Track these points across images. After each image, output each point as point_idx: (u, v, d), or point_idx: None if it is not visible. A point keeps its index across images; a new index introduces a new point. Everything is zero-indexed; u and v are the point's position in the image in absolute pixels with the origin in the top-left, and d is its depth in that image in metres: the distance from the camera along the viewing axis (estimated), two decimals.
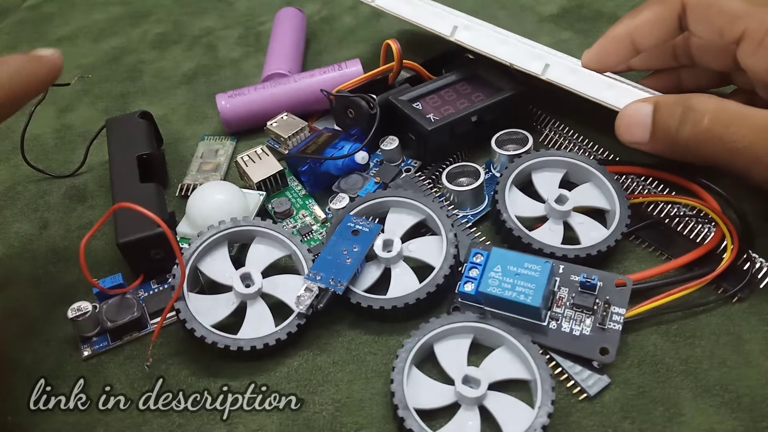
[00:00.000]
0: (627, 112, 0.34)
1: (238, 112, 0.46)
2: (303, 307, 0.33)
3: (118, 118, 0.45)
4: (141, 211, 0.32)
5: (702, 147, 0.32)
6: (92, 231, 0.32)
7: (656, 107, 0.33)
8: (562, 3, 0.57)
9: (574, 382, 0.31)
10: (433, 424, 0.30)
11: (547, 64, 0.38)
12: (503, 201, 0.37)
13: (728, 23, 0.34)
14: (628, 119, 0.34)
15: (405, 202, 0.37)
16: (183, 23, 0.62)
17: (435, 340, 0.32)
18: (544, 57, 0.38)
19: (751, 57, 0.34)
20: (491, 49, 0.40)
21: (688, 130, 0.32)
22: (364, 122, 0.42)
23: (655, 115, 0.33)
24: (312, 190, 0.41)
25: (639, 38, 0.37)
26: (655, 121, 0.33)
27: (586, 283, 0.32)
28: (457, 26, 0.41)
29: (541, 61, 0.38)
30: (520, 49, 0.39)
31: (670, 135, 0.33)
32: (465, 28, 0.41)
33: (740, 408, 0.30)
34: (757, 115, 0.31)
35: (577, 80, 0.37)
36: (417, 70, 0.45)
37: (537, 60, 0.38)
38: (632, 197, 0.37)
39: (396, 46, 0.43)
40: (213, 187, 0.39)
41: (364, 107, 0.41)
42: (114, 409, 0.32)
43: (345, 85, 0.44)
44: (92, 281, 0.33)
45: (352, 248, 0.35)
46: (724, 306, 0.33)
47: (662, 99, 0.34)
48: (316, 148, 0.41)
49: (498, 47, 0.40)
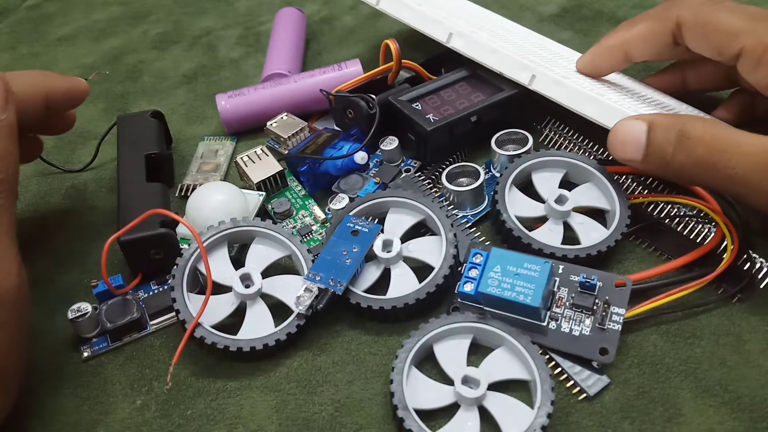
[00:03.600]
0: (621, 129, 0.33)
1: (238, 112, 0.46)
2: (302, 308, 0.33)
3: (129, 115, 0.45)
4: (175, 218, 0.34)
5: (697, 173, 0.32)
6: (120, 233, 0.33)
7: (651, 128, 0.33)
8: (562, 3, 0.57)
9: (573, 383, 0.31)
10: (432, 425, 0.30)
11: (534, 75, 0.39)
12: (503, 201, 0.37)
13: (726, 41, 0.34)
14: (622, 136, 0.33)
15: (404, 203, 0.37)
16: (183, 23, 0.62)
17: (435, 341, 0.32)
18: (531, 67, 0.39)
19: (751, 73, 0.34)
20: (482, 58, 0.41)
21: (683, 157, 0.32)
22: (363, 122, 0.42)
23: (649, 136, 0.32)
24: (311, 191, 0.41)
25: (632, 51, 0.38)
26: (649, 143, 0.33)
27: (586, 284, 0.32)
28: (453, 33, 0.42)
29: (528, 72, 0.39)
30: (509, 58, 0.40)
31: (664, 159, 0.32)
32: (460, 35, 0.42)
33: (740, 408, 0.30)
34: (751, 142, 0.30)
35: (561, 92, 0.38)
36: (416, 69, 0.45)
37: (524, 71, 0.39)
38: (632, 197, 0.37)
39: (395, 46, 0.43)
40: (212, 188, 0.39)
41: (364, 107, 0.41)
42: (114, 409, 0.33)
43: (344, 85, 0.44)
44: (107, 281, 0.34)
45: (352, 248, 0.35)
46: (724, 306, 0.33)
47: (657, 120, 0.33)
48: (315, 149, 0.41)
49: (488, 56, 0.41)
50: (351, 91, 0.43)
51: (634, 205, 0.37)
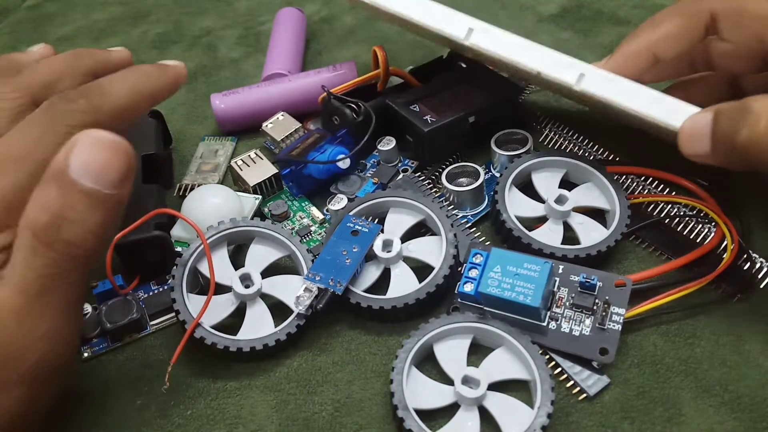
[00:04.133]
0: (688, 125, 0.32)
1: (233, 111, 0.46)
2: (302, 308, 0.33)
3: None
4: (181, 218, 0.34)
5: (761, 151, 0.29)
6: (124, 232, 0.33)
7: (716, 115, 0.31)
8: (562, 3, 0.57)
9: (573, 383, 0.31)
10: (432, 425, 0.30)
11: (582, 73, 0.34)
12: (503, 201, 0.37)
13: (766, 27, 0.33)
14: (690, 131, 0.32)
15: (404, 202, 0.37)
16: (183, 23, 0.62)
17: (435, 341, 0.32)
18: (577, 65, 0.35)
19: None
20: (510, 54, 0.36)
21: (745, 133, 0.29)
22: (350, 128, 0.41)
23: (714, 124, 0.31)
24: (296, 193, 0.41)
25: (661, 51, 0.36)
26: (714, 131, 0.31)
27: (586, 283, 0.32)
28: (473, 29, 0.37)
29: (575, 70, 0.34)
30: (547, 55, 0.35)
31: (727, 142, 0.30)
32: (483, 30, 0.37)
33: (740, 408, 0.30)
34: None
35: (617, 90, 0.34)
36: (404, 76, 0.44)
37: (570, 68, 0.35)
38: (632, 197, 0.37)
39: (381, 54, 0.43)
40: (208, 191, 0.38)
41: (349, 115, 0.41)
42: (114, 409, 0.33)
43: (335, 90, 0.43)
44: (112, 281, 0.34)
45: (352, 248, 0.35)
46: (724, 306, 0.33)
47: (723, 106, 0.31)
48: (302, 150, 0.41)
49: (520, 52, 0.36)
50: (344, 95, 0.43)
51: (634, 205, 0.37)
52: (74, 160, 0.25)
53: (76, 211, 0.25)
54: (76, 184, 0.25)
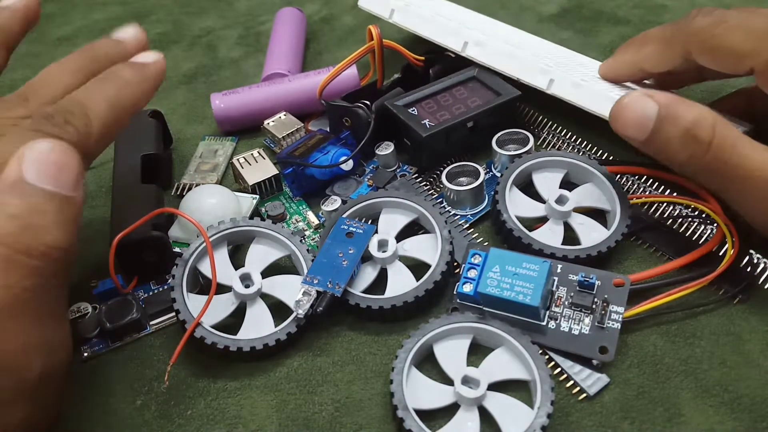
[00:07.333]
0: (630, 104, 0.32)
1: (231, 111, 0.46)
2: (302, 311, 0.33)
3: None
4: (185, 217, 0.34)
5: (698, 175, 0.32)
6: (124, 232, 0.33)
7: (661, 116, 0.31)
8: (562, 3, 0.57)
9: (573, 382, 0.31)
10: (432, 425, 0.30)
11: (552, 79, 0.40)
12: (503, 201, 0.37)
13: (736, 62, 0.33)
14: (629, 112, 0.32)
15: (397, 202, 0.37)
16: (183, 23, 0.62)
17: (434, 341, 0.32)
18: (549, 72, 0.40)
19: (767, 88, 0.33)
20: (498, 64, 0.42)
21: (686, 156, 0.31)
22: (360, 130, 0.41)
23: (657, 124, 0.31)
24: (296, 194, 0.41)
25: (647, 67, 0.38)
26: (655, 130, 0.31)
27: (585, 282, 0.32)
28: (468, 42, 0.43)
29: (546, 76, 0.40)
30: (526, 64, 0.41)
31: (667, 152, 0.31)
32: (475, 44, 0.43)
33: (740, 408, 0.30)
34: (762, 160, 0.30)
35: (580, 95, 0.39)
36: (398, 50, 0.44)
37: (542, 75, 0.40)
38: (632, 197, 0.37)
39: (376, 31, 0.43)
40: (205, 191, 0.38)
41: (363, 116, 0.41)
42: (114, 409, 0.33)
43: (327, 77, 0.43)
44: (115, 280, 0.34)
45: (348, 250, 0.35)
46: (724, 306, 0.33)
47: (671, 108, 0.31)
48: (305, 150, 0.41)
49: (505, 62, 0.42)
50: (345, 97, 0.43)
51: (634, 205, 0.37)
52: (27, 167, 0.25)
53: (47, 214, 0.25)
54: (36, 188, 0.25)
